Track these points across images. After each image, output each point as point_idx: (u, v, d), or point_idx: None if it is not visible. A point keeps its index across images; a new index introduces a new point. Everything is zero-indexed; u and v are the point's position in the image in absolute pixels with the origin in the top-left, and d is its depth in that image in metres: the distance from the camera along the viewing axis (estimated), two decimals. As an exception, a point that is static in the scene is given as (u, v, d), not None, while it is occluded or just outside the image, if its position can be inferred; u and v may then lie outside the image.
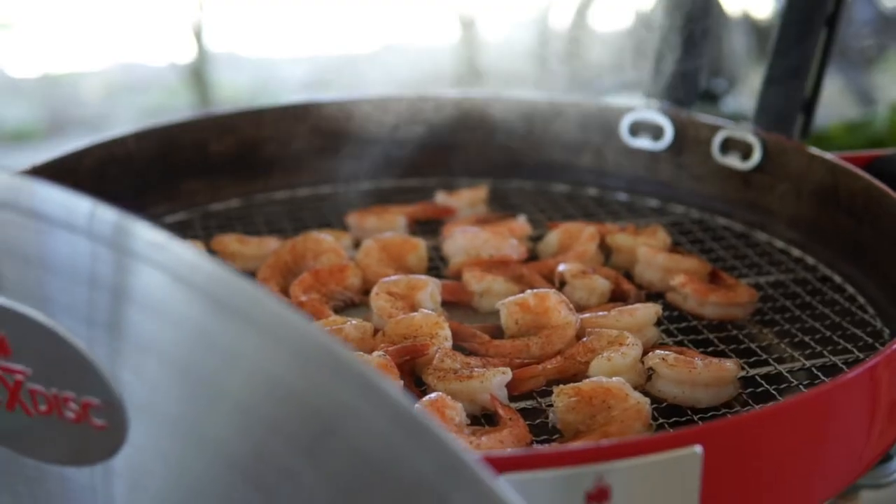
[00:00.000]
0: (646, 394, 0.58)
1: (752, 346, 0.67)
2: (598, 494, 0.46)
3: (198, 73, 4.49)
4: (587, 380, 0.59)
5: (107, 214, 0.43)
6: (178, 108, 4.46)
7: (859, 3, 2.72)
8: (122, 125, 4.30)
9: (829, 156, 0.77)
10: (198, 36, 4.48)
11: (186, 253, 0.43)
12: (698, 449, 0.46)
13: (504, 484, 0.39)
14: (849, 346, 0.65)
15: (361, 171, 0.87)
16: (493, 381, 0.59)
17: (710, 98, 0.93)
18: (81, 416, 0.47)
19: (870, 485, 0.78)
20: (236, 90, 4.72)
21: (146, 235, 0.45)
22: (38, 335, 0.47)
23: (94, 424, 0.47)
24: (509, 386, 0.61)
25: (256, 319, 0.44)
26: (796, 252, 0.78)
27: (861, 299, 0.71)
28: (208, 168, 0.89)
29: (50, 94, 4.77)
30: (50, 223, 0.45)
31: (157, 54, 4.85)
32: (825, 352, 0.65)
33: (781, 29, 0.83)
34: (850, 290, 0.73)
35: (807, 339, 0.67)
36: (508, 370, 0.60)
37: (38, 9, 5.15)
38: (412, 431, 0.42)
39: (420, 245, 0.75)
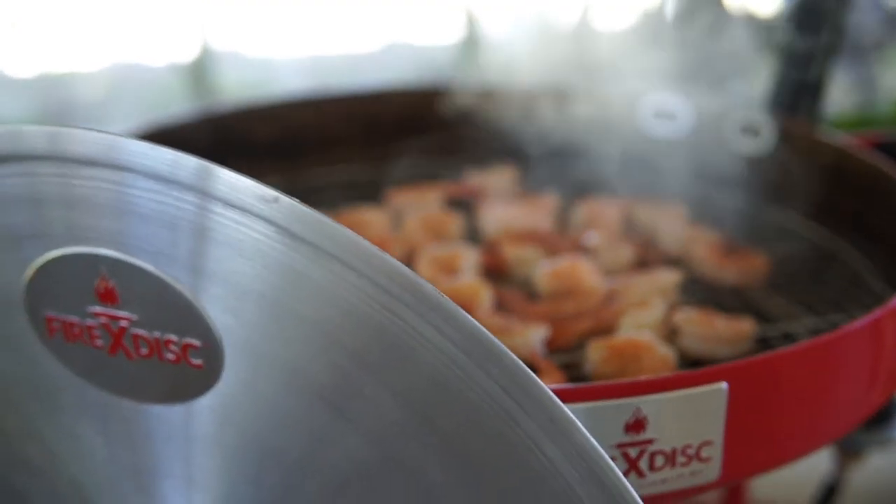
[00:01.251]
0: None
1: (765, 308, 0.73)
2: (636, 424, 0.52)
3: (198, 73, 4.55)
4: (616, 338, 0.66)
5: (189, 161, 0.49)
6: (178, 107, 4.53)
7: (864, 0, 2.79)
8: (122, 124, 4.39)
9: (837, 138, 0.84)
10: (199, 35, 4.54)
11: (268, 193, 0.49)
12: (724, 385, 0.53)
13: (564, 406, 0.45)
14: (854, 309, 0.71)
15: (400, 154, 0.93)
16: (533, 336, 0.65)
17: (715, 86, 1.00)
18: (180, 357, 0.53)
19: (875, 442, 0.85)
20: (237, 89, 4.78)
21: (228, 178, 0.51)
22: (144, 283, 0.51)
23: (191, 364, 0.52)
24: (546, 343, 0.67)
25: (338, 253, 0.48)
26: (805, 227, 0.84)
27: (866, 270, 0.78)
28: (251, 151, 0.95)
29: (48, 93, 4.84)
30: (145, 176, 0.51)
31: (157, 53, 4.90)
32: (832, 313, 0.71)
33: (792, 23, 0.90)
34: (857, 261, 0.79)
35: (816, 303, 0.73)
36: (546, 327, 0.67)
37: (37, 7, 5.19)
38: (482, 354, 0.46)
39: (458, 219, 0.82)
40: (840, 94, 2.78)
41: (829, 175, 0.83)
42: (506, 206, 0.81)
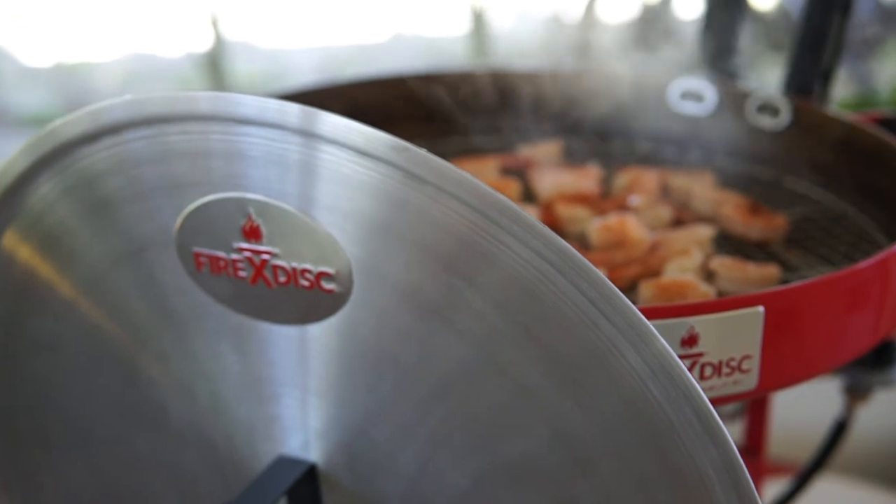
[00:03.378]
0: (708, 292, 0.76)
1: (786, 259, 0.85)
2: (690, 339, 0.63)
3: (213, 63, 4.61)
4: (664, 279, 0.77)
5: (293, 108, 0.57)
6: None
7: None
8: None
9: (845, 115, 0.95)
10: (213, 25, 4.60)
11: (370, 131, 0.56)
12: (761, 308, 0.64)
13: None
14: (862, 260, 0.82)
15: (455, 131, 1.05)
16: (591, 280, 0.77)
17: (731, 75, 1.10)
18: (314, 283, 0.60)
19: (879, 383, 0.97)
20: (250, 79, 4.86)
21: (332, 120, 0.57)
22: (286, 222, 0.59)
23: (324, 290, 0.60)
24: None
25: (436, 180, 0.56)
26: (818, 193, 0.96)
27: (871, 228, 0.89)
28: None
29: (66, 83, 4.92)
30: (294, 132, 0.58)
31: (172, 44, 4.98)
32: (843, 263, 0.82)
33: (805, 16, 1.01)
34: (863, 221, 0.90)
35: (829, 254, 0.84)
36: (602, 271, 0.77)
37: None
38: (573, 271, 0.54)
39: (516, 184, 0.94)
40: (840, 87, 2.90)
41: (838, 147, 0.95)
42: (557, 173, 0.93)
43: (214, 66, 4.61)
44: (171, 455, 0.76)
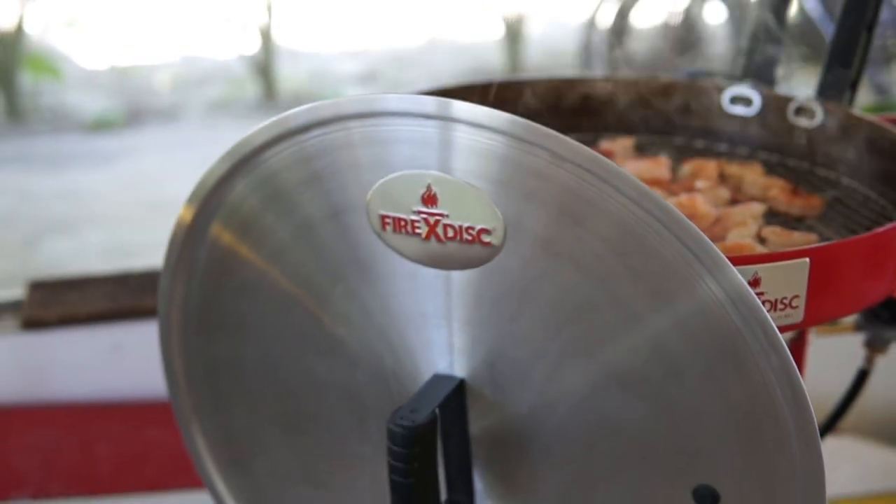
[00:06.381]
0: (761, 255, 0.96)
1: (822, 231, 1.02)
2: (754, 282, 0.79)
3: (263, 66, 4.77)
4: (727, 241, 0.98)
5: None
6: (244, 99, 4.76)
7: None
8: (194, 115, 4.58)
9: (869, 116, 1.15)
10: (263, 30, 4.74)
11: (487, 111, 0.68)
12: (807, 259, 0.81)
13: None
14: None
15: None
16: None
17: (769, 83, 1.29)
18: (476, 238, 0.73)
19: (896, 338, 1.16)
20: (295, 82, 5.02)
21: (463, 106, 0.69)
22: (457, 191, 0.72)
23: (482, 242, 0.73)
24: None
25: (553, 148, 0.67)
26: (846, 180, 1.15)
27: (891, 209, 1.05)
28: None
29: (123, 87, 5.09)
30: (465, 124, 0.70)
31: (222, 48, 5.13)
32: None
33: (836, 32, 1.19)
34: (884, 204, 1.06)
35: (856, 228, 1.03)
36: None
37: (107, 4, 5.40)
38: (664, 216, 0.66)
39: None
40: (861, 95, 3.08)
41: (862, 143, 1.13)
42: (634, 161, 1.14)
43: (265, 70, 4.73)
44: (346, 376, 0.90)
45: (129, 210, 3.83)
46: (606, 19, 4.41)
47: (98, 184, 4.07)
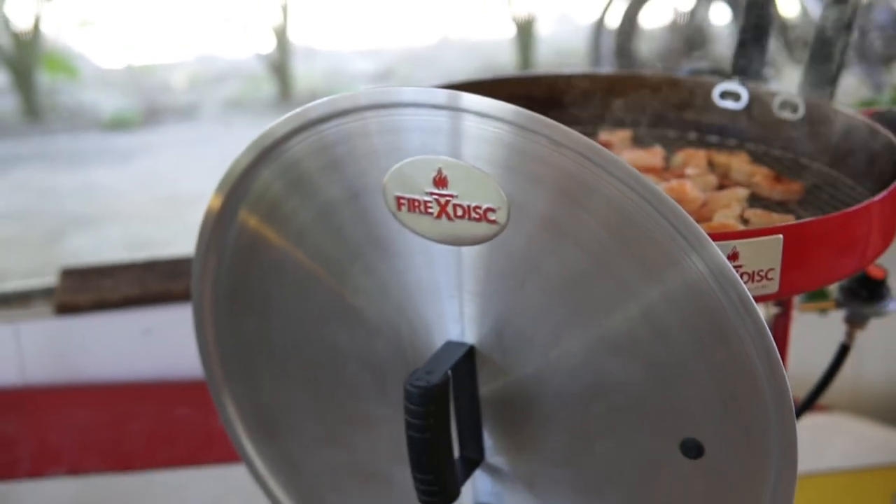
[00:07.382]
0: (744, 233, 1.04)
1: (800, 214, 1.09)
2: (733, 256, 0.83)
3: (278, 65, 4.80)
4: (713, 222, 1.07)
5: (440, 92, 0.72)
6: (260, 98, 4.81)
7: (878, 8, 3.14)
8: (210, 113, 4.60)
9: (847, 110, 1.23)
10: (279, 29, 4.78)
11: (493, 102, 0.71)
12: (780, 236, 0.86)
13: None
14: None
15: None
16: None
17: (759, 79, 1.37)
18: (483, 217, 0.77)
19: (873, 314, 1.25)
20: (310, 80, 5.06)
21: (472, 98, 0.72)
22: (464, 174, 0.75)
23: (489, 220, 0.77)
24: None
25: (553, 136, 0.71)
26: (825, 168, 1.22)
27: (865, 194, 1.10)
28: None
29: (140, 85, 5.14)
30: (473, 114, 0.73)
31: (238, 47, 5.17)
32: (840, 214, 1.10)
33: (817, 32, 1.24)
34: (860, 189, 1.12)
35: (830, 211, 1.08)
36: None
37: (124, 3, 5.45)
38: (655, 200, 0.70)
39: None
40: (862, 91, 3.16)
41: (840, 134, 1.18)
42: (630, 151, 1.23)
43: (278, 68, 4.75)
44: (365, 346, 0.96)
45: (146, 206, 3.88)
46: (615, 20, 4.48)
47: (116, 181, 4.12)
